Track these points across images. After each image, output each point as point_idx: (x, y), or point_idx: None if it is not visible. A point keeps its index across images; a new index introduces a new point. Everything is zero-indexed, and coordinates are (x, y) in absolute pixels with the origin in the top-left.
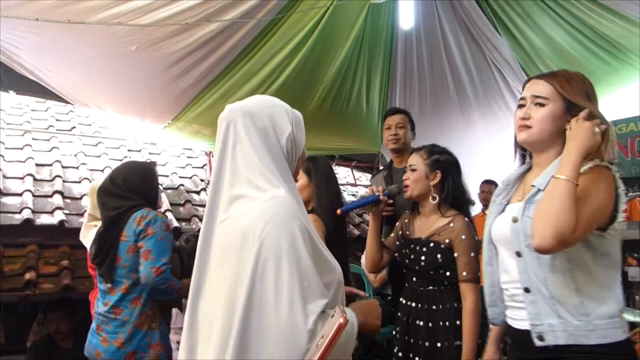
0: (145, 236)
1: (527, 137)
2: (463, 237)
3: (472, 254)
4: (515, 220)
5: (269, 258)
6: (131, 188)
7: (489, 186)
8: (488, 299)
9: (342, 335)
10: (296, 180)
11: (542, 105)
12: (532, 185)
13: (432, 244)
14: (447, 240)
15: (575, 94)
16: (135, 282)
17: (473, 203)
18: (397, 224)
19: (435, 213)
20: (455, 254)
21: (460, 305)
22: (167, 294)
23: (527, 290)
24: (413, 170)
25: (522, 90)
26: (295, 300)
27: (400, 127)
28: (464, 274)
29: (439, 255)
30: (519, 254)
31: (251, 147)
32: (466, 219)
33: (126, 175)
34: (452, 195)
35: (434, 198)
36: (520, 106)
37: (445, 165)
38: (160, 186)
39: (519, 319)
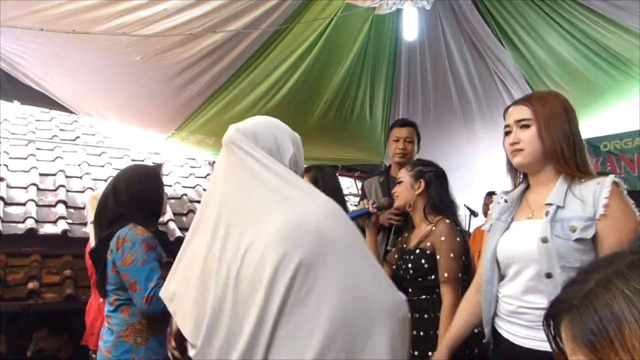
0: (125, 265)
1: (522, 160)
2: (443, 238)
3: (452, 255)
4: (545, 241)
5: (355, 252)
6: (134, 194)
7: (490, 198)
8: (485, 317)
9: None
10: None
11: (527, 126)
12: (549, 203)
13: (418, 251)
14: (428, 244)
15: (552, 114)
16: (122, 298)
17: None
18: (399, 238)
19: (423, 222)
20: (438, 257)
21: None
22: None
23: None
24: (400, 182)
25: (504, 119)
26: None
27: (408, 141)
28: (445, 275)
29: (423, 261)
30: (549, 275)
31: (261, 164)
32: (447, 221)
33: (130, 181)
34: (437, 203)
35: (411, 206)
36: (507, 133)
37: (429, 175)
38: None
39: (526, 338)
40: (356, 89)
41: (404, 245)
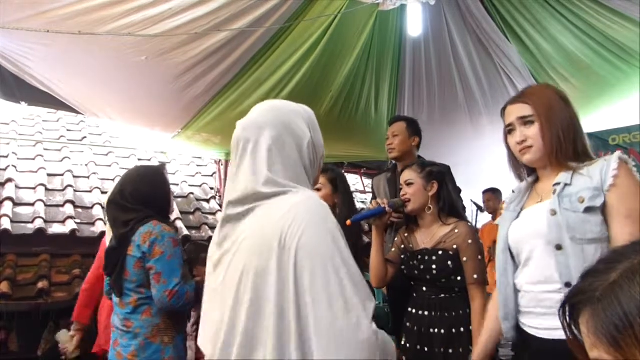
0: (153, 256)
1: (532, 157)
2: (470, 241)
3: (480, 257)
4: (554, 213)
5: (315, 265)
6: (141, 197)
7: (489, 195)
8: (502, 312)
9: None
10: (315, 185)
11: (531, 122)
12: (556, 184)
13: (440, 252)
14: (454, 247)
15: (551, 107)
16: (143, 296)
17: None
18: (396, 239)
19: (435, 223)
20: (464, 259)
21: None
22: (184, 307)
23: (568, 285)
24: (410, 184)
25: (503, 118)
26: (351, 308)
27: (394, 135)
28: (475, 276)
29: (449, 262)
30: (559, 247)
31: (267, 163)
32: (468, 223)
33: (136, 185)
34: (452, 204)
35: (429, 209)
36: (510, 132)
37: (440, 176)
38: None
39: (551, 329)
40: (361, 86)
41: (411, 245)
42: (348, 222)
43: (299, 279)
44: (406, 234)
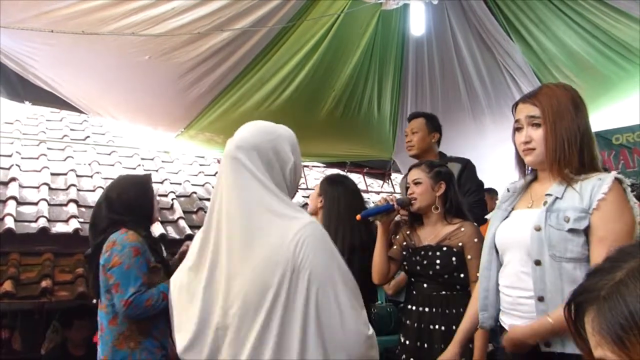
0: (112, 266)
1: (534, 159)
2: (476, 240)
3: None
4: (538, 229)
5: (325, 284)
6: (125, 203)
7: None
8: (481, 302)
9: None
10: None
11: (538, 125)
12: (548, 194)
13: (444, 248)
14: (459, 244)
15: (559, 113)
16: (110, 302)
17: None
18: (397, 236)
19: (440, 222)
20: (469, 257)
21: None
22: (147, 313)
23: (541, 299)
24: (418, 183)
25: (513, 114)
26: (357, 315)
27: (414, 132)
28: (478, 274)
29: (453, 259)
30: (538, 262)
31: (261, 184)
32: (474, 223)
33: (120, 191)
34: (456, 204)
35: (436, 208)
36: (518, 129)
37: (448, 177)
38: (173, 193)
39: None
40: (364, 85)
41: (413, 242)
42: (358, 216)
43: (311, 293)
44: (408, 232)
